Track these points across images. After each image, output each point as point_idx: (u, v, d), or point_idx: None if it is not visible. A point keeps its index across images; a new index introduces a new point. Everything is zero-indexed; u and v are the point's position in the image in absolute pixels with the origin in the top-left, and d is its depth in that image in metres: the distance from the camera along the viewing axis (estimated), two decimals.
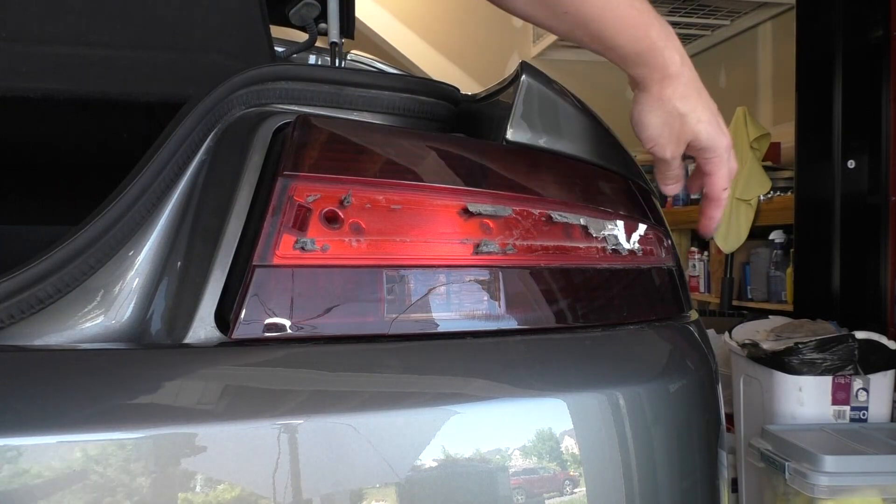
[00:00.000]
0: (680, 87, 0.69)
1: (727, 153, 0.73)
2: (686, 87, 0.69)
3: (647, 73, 0.69)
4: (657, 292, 0.76)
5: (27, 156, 1.15)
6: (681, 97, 0.69)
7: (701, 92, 0.70)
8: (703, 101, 0.70)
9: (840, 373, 1.95)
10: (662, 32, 0.67)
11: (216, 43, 0.88)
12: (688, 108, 0.69)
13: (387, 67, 1.77)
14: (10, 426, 0.47)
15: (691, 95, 0.69)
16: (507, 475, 0.57)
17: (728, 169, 0.74)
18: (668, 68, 0.68)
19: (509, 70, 0.76)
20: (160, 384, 0.51)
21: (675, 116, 0.70)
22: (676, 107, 0.69)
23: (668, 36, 0.68)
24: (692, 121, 0.70)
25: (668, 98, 0.69)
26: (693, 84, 0.70)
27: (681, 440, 0.69)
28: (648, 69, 0.68)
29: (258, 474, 0.50)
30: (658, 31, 0.67)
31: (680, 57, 0.68)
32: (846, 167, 2.60)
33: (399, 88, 0.70)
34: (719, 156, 0.73)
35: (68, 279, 0.55)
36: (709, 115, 0.71)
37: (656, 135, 0.71)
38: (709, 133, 0.71)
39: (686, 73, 0.69)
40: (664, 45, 0.67)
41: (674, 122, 0.70)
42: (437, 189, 0.61)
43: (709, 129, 0.71)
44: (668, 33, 0.68)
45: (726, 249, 3.58)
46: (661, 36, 0.67)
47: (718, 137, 0.72)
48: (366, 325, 0.57)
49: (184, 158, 0.61)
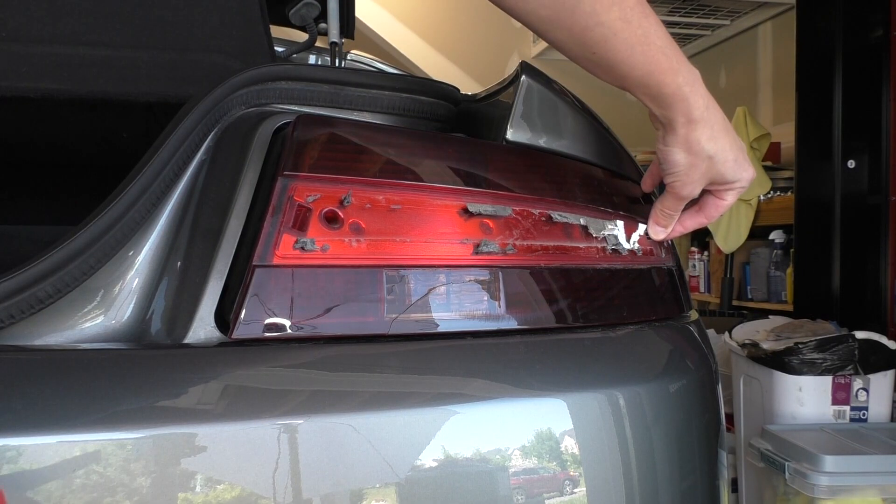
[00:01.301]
0: (707, 129, 0.69)
1: (748, 184, 0.74)
2: (712, 130, 0.69)
3: (673, 115, 0.68)
4: (657, 292, 0.76)
5: (27, 156, 1.15)
6: (708, 139, 0.69)
7: (728, 131, 0.71)
8: (729, 140, 0.71)
9: (840, 373, 1.95)
10: (689, 77, 0.67)
11: (216, 43, 0.88)
12: (716, 148, 0.70)
13: (387, 67, 1.77)
14: (10, 426, 0.47)
15: (719, 137, 0.70)
16: (507, 475, 0.57)
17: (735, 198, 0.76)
18: (692, 113, 0.68)
19: (509, 70, 0.76)
20: (160, 384, 0.51)
21: (704, 158, 0.70)
22: (704, 149, 0.69)
23: (693, 81, 0.67)
24: (719, 161, 0.70)
25: (696, 140, 0.69)
26: (719, 125, 0.70)
27: (681, 440, 0.69)
28: (674, 112, 0.68)
29: (258, 474, 0.50)
30: (685, 76, 0.67)
31: (704, 102, 0.68)
32: (846, 167, 2.60)
33: (399, 88, 0.70)
34: (740, 188, 0.74)
35: (68, 279, 0.55)
36: (734, 154, 0.71)
37: (682, 173, 0.71)
38: (735, 171, 0.72)
39: (710, 117, 0.69)
40: (690, 90, 0.67)
41: (701, 163, 0.70)
42: (437, 189, 0.61)
43: (735, 168, 0.72)
44: (695, 78, 0.68)
45: (726, 249, 3.58)
46: (687, 81, 0.67)
47: (744, 172, 0.73)
48: (366, 325, 0.57)
49: (184, 158, 0.61)
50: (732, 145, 0.71)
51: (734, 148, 0.71)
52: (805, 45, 2.77)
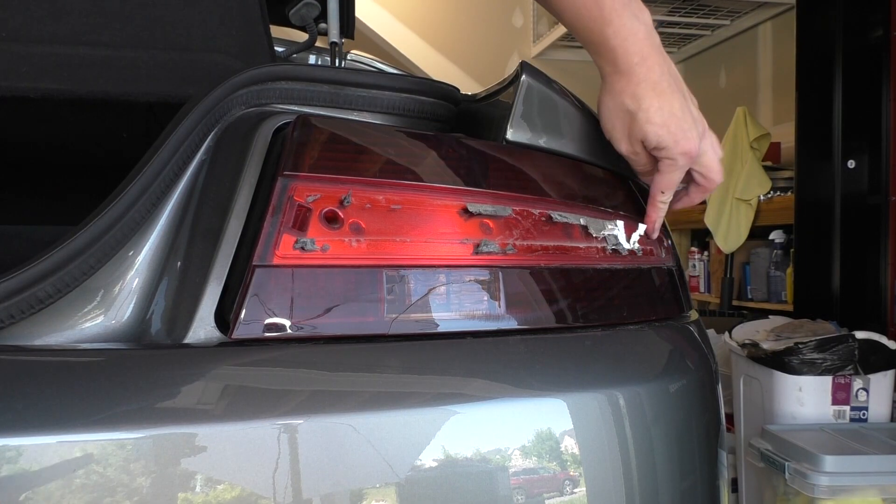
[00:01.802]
0: (631, 84, 0.68)
1: (682, 159, 0.71)
2: (638, 87, 0.68)
3: (601, 63, 0.70)
4: (657, 292, 0.76)
5: (27, 156, 1.15)
6: (630, 95, 0.69)
7: (661, 94, 0.69)
8: (660, 101, 0.69)
9: (840, 373, 1.95)
10: (622, 29, 0.67)
11: (216, 43, 0.88)
12: (636, 106, 0.69)
13: (387, 67, 1.77)
14: (10, 426, 0.47)
15: (644, 95, 0.68)
16: (507, 475, 0.57)
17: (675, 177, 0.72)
18: (618, 65, 0.68)
19: (509, 70, 0.76)
20: (160, 384, 0.51)
21: (624, 112, 0.69)
22: (625, 102, 0.69)
23: (628, 34, 0.67)
24: (641, 120, 0.69)
25: (619, 92, 0.69)
26: (649, 84, 0.68)
27: (681, 440, 0.69)
28: (601, 60, 0.70)
29: (258, 474, 0.50)
30: (617, 27, 0.67)
31: (639, 58, 0.68)
32: (846, 167, 2.60)
33: (399, 88, 0.70)
34: (671, 159, 0.71)
35: (68, 279, 0.55)
36: (662, 119, 0.69)
37: (609, 126, 0.71)
38: (659, 136, 0.69)
39: (642, 73, 0.68)
40: (619, 42, 0.67)
41: (624, 116, 0.70)
42: (437, 189, 0.61)
43: (659, 133, 0.69)
44: (631, 30, 0.67)
45: (726, 249, 3.58)
46: (618, 33, 0.67)
47: (674, 143, 0.70)
48: (366, 325, 0.57)
49: (184, 158, 0.61)
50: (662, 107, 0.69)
51: (664, 110, 0.69)
52: (805, 45, 2.77)
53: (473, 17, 4.78)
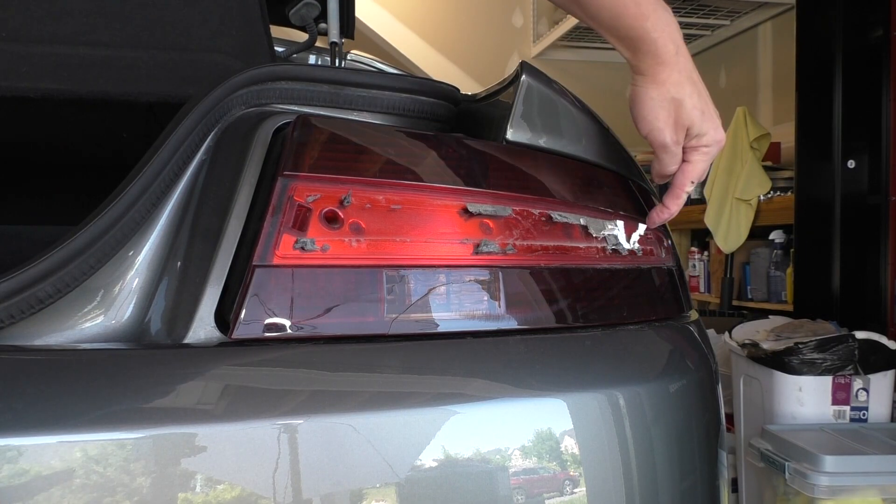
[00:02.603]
0: (674, 73, 0.71)
1: (716, 147, 0.74)
2: (680, 75, 0.71)
3: (642, 58, 0.71)
4: (657, 292, 0.76)
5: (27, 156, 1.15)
6: (675, 83, 0.71)
7: (697, 84, 0.72)
8: (698, 92, 0.72)
9: (840, 373, 1.95)
10: (659, 22, 0.70)
11: (216, 43, 0.88)
12: (681, 94, 0.71)
13: (387, 67, 1.77)
14: (10, 426, 0.47)
15: (685, 83, 0.71)
16: (507, 475, 0.57)
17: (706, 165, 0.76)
18: (660, 56, 0.70)
19: (509, 70, 0.76)
20: (160, 384, 0.51)
21: (671, 101, 0.71)
22: (671, 91, 0.71)
23: (664, 26, 0.70)
24: (688, 106, 0.72)
25: (663, 82, 0.71)
26: (688, 74, 0.72)
27: (681, 440, 0.69)
28: (642, 55, 0.71)
29: (258, 474, 0.50)
30: (654, 21, 0.69)
31: (675, 47, 0.71)
32: (846, 167, 2.60)
33: (399, 88, 0.70)
34: (708, 147, 0.74)
35: (68, 279, 0.55)
36: (703, 106, 0.72)
37: (652, 118, 0.72)
38: (702, 122, 0.72)
39: (681, 62, 0.71)
40: (658, 35, 0.70)
41: (670, 105, 0.72)
42: (437, 189, 0.61)
43: (704, 118, 0.72)
44: (666, 23, 0.70)
45: (726, 249, 3.57)
46: (655, 27, 0.70)
47: (714, 130, 0.73)
48: (366, 325, 0.57)
49: (184, 158, 0.61)
50: (701, 97, 0.72)
51: (703, 100, 0.72)
52: (805, 45, 2.77)
53: (473, 17, 4.78)
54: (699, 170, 0.75)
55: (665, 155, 0.74)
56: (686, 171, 0.75)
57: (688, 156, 0.75)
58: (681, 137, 0.73)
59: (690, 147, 0.74)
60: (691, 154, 0.74)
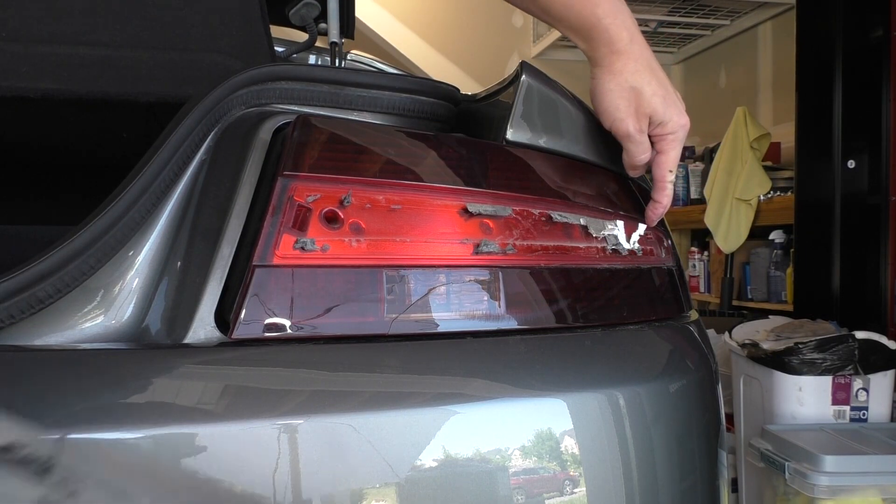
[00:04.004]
0: (630, 62, 0.71)
1: (682, 132, 0.74)
2: (637, 63, 0.71)
3: (596, 48, 0.71)
4: (657, 292, 0.76)
5: (27, 156, 1.15)
6: (632, 72, 0.71)
7: (655, 71, 0.72)
8: (657, 79, 0.72)
9: (840, 373, 1.95)
10: (610, 10, 0.70)
11: (216, 43, 0.88)
12: (641, 82, 0.71)
13: (387, 67, 1.77)
14: (10, 426, 0.47)
15: (643, 71, 0.71)
16: (507, 475, 0.57)
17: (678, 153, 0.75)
18: (614, 44, 0.70)
19: (509, 70, 0.76)
20: (160, 384, 0.51)
21: (629, 90, 0.71)
22: (628, 80, 0.71)
23: (615, 13, 0.70)
24: (648, 94, 0.71)
25: (620, 71, 0.71)
26: (645, 62, 0.71)
27: (681, 440, 0.69)
28: (596, 44, 0.71)
29: (258, 474, 0.50)
30: (605, 8, 0.70)
31: (629, 35, 0.71)
32: (846, 167, 2.60)
33: (399, 88, 0.70)
34: (674, 133, 0.73)
35: (68, 279, 0.55)
36: (664, 92, 0.72)
37: (612, 108, 0.72)
38: (665, 109, 0.72)
39: (636, 49, 0.71)
40: (610, 22, 0.70)
41: (629, 95, 0.71)
42: (437, 189, 0.61)
43: (666, 104, 0.72)
44: (617, 10, 0.70)
45: (726, 249, 3.58)
46: (607, 14, 0.70)
47: (678, 115, 0.73)
48: (366, 325, 0.57)
49: (184, 158, 0.61)
50: (661, 83, 0.72)
51: (663, 87, 0.72)
52: (805, 45, 2.77)
53: (473, 17, 4.78)
54: (672, 158, 0.74)
55: (631, 145, 0.73)
56: (660, 162, 0.74)
57: (658, 146, 0.74)
58: (644, 126, 0.73)
59: (657, 136, 0.73)
60: (660, 143, 0.74)
